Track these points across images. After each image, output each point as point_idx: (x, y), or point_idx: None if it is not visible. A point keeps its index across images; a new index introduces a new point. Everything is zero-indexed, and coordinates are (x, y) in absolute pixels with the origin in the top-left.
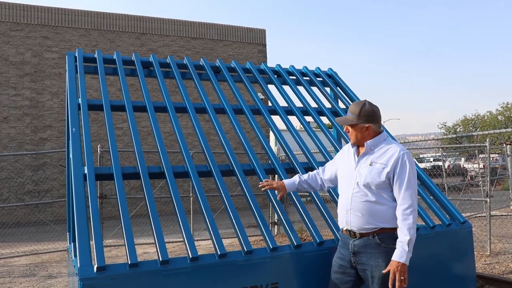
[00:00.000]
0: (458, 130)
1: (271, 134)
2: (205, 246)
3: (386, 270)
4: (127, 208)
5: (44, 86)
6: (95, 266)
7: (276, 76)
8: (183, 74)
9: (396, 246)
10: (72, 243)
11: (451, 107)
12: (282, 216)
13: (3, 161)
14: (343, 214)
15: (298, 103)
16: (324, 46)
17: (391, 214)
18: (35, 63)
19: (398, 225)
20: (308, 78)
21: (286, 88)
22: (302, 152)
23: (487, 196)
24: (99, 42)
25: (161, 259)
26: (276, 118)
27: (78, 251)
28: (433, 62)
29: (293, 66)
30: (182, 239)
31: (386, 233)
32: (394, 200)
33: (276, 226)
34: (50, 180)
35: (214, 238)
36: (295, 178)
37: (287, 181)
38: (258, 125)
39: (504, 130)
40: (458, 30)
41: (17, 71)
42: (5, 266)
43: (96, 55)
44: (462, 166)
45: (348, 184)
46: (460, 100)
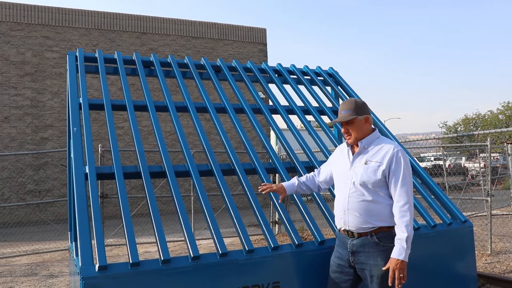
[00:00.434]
0: (459, 129)
1: (272, 133)
2: (206, 245)
3: (385, 268)
4: (128, 207)
5: (45, 86)
6: (97, 266)
7: (277, 75)
8: (184, 74)
9: (394, 244)
10: (73, 243)
11: (452, 107)
12: (283, 215)
13: (4, 160)
14: (341, 214)
15: (299, 102)
16: (324, 46)
17: (388, 212)
18: (36, 63)
19: (395, 222)
20: (309, 77)
21: (287, 87)
22: (303, 151)
23: (488, 195)
24: (100, 42)
25: (162, 258)
26: (277, 117)
27: (79, 251)
28: (433, 62)
29: (294, 65)
30: (183, 238)
31: (384, 232)
32: (390, 197)
33: (277, 225)
34: (51, 179)
35: (215, 237)
36: (294, 181)
37: (287, 183)
38: (259, 124)
39: (505, 129)
40: (459, 30)
41: (17, 71)
42: (6, 265)
43: (97, 55)
44: (463, 165)
45: (344, 184)
46: (460, 100)
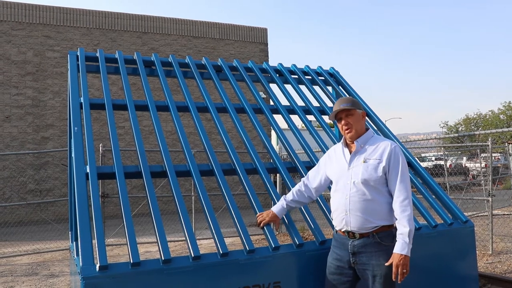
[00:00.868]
0: (460, 129)
1: (273, 133)
2: (207, 245)
3: (388, 263)
4: (129, 207)
5: (46, 85)
6: (97, 265)
7: (278, 75)
8: (185, 73)
9: (394, 243)
10: (74, 242)
11: (452, 107)
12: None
13: (5, 160)
14: (341, 215)
15: (300, 102)
16: (325, 46)
17: (387, 210)
18: (37, 62)
19: (396, 217)
20: (310, 77)
21: (288, 87)
22: (304, 151)
23: (489, 195)
24: (101, 41)
25: (163, 258)
26: (278, 117)
27: (80, 250)
28: (433, 62)
29: (295, 65)
30: (184, 238)
31: (385, 231)
32: (390, 195)
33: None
34: (52, 179)
35: (216, 237)
36: (282, 202)
37: (276, 209)
38: (260, 124)
39: (506, 129)
40: (459, 30)
41: (19, 70)
42: (7, 265)
43: (98, 54)
44: (464, 165)
45: (343, 185)
46: (460, 100)
